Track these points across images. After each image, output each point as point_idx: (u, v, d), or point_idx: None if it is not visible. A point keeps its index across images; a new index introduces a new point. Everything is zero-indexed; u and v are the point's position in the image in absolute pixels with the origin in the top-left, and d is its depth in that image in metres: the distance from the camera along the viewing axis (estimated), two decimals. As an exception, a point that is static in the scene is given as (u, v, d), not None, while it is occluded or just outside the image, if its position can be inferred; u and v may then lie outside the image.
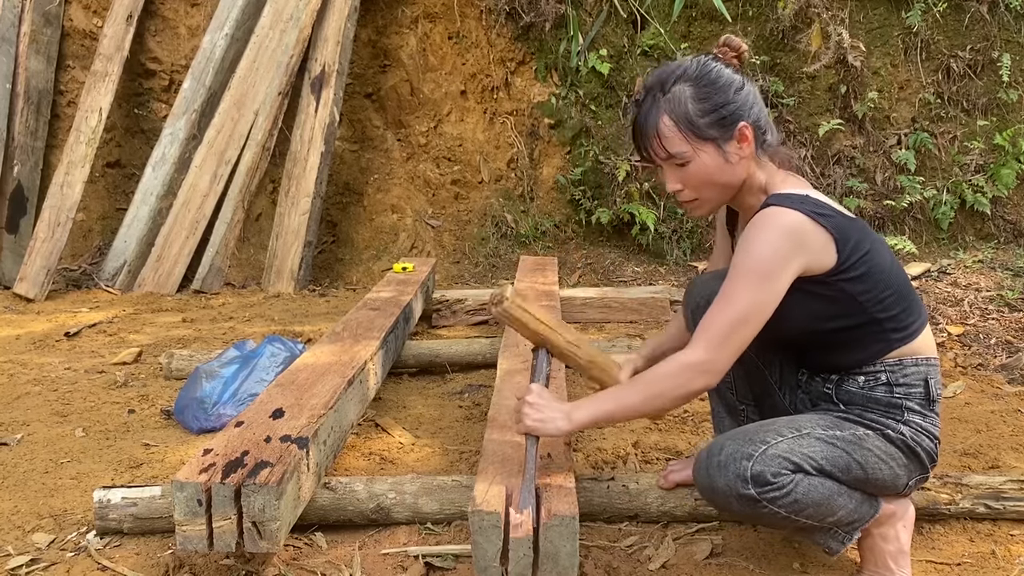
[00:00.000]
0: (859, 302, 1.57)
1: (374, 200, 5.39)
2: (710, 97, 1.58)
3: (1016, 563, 1.78)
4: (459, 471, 2.25)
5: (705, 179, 1.61)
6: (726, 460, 1.51)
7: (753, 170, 1.64)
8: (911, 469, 1.63)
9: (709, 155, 1.59)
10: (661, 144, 1.60)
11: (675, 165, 1.61)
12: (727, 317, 1.51)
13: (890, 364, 1.61)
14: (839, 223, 1.56)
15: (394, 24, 5.44)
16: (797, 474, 1.51)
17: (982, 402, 2.85)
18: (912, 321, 1.62)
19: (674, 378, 1.54)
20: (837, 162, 5.17)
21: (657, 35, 5.26)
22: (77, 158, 4.90)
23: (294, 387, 2.11)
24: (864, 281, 1.56)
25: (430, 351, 3.21)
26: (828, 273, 1.55)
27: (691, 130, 1.57)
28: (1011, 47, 5.16)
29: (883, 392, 1.61)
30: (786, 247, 1.51)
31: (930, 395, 1.63)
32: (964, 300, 4.02)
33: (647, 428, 2.57)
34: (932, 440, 1.64)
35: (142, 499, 1.86)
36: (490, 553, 1.46)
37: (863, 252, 1.56)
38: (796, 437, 1.55)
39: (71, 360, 3.43)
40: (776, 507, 1.50)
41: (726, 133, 1.59)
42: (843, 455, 1.56)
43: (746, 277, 1.51)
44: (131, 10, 5.10)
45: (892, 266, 1.62)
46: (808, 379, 1.73)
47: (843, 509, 1.57)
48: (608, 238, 5.26)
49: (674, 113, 1.58)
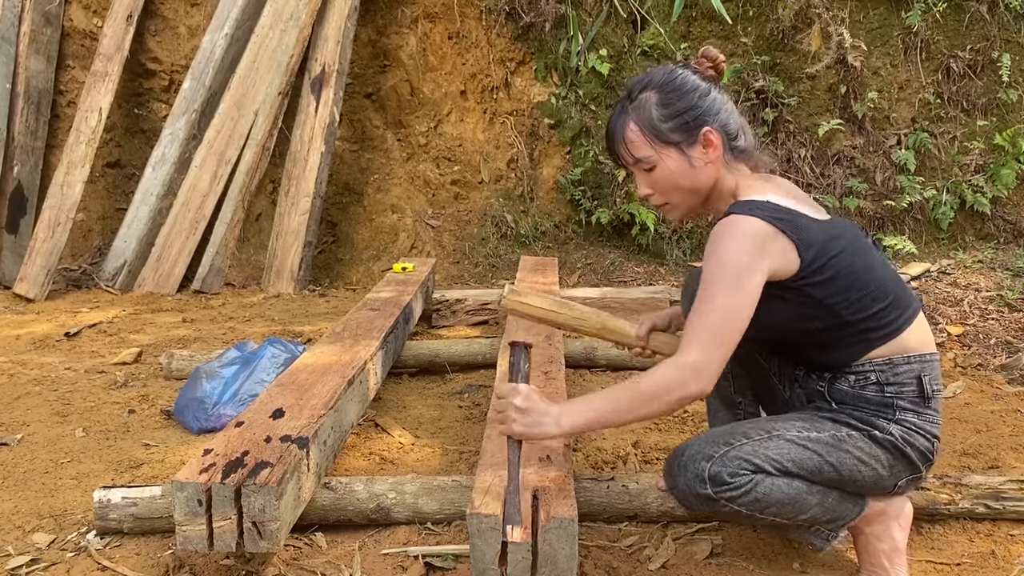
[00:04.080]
0: (826, 305, 1.58)
1: (374, 200, 5.39)
2: (673, 103, 1.62)
3: (1016, 563, 1.78)
4: (459, 471, 2.25)
5: (672, 183, 1.65)
6: (687, 460, 1.55)
7: (722, 174, 1.66)
8: (898, 470, 1.62)
9: (673, 159, 1.63)
10: (628, 149, 1.65)
11: (643, 170, 1.66)
12: (709, 321, 1.51)
13: (879, 364, 1.61)
14: (800, 227, 1.56)
15: (394, 24, 5.44)
16: (757, 474, 1.53)
17: (982, 402, 2.85)
18: (894, 319, 1.61)
19: (667, 382, 1.51)
20: (837, 162, 5.17)
21: (657, 35, 5.26)
22: (77, 158, 4.90)
23: (294, 387, 2.11)
24: (830, 285, 1.57)
25: (430, 351, 3.21)
26: (792, 278, 1.56)
27: (654, 135, 1.62)
28: (1011, 47, 5.16)
29: (874, 391, 1.61)
30: (748, 252, 1.52)
31: (924, 392, 1.61)
32: (964, 300, 4.02)
33: (647, 428, 2.57)
34: (928, 438, 1.62)
35: (142, 499, 1.86)
36: (488, 556, 1.46)
37: (830, 255, 1.56)
38: (763, 439, 1.57)
39: (71, 360, 3.43)
40: (736, 506, 1.53)
41: (689, 138, 1.62)
42: (813, 456, 1.57)
43: (717, 283, 1.52)
44: (131, 10, 5.10)
45: (869, 266, 1.61)
46: (805, 375, 1.73)
47: (816, 508, 1.58)
48: (608, 238, 5.26)
49: (639, 119, 1.63)
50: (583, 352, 3.19)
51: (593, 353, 3.19)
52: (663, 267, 5.01)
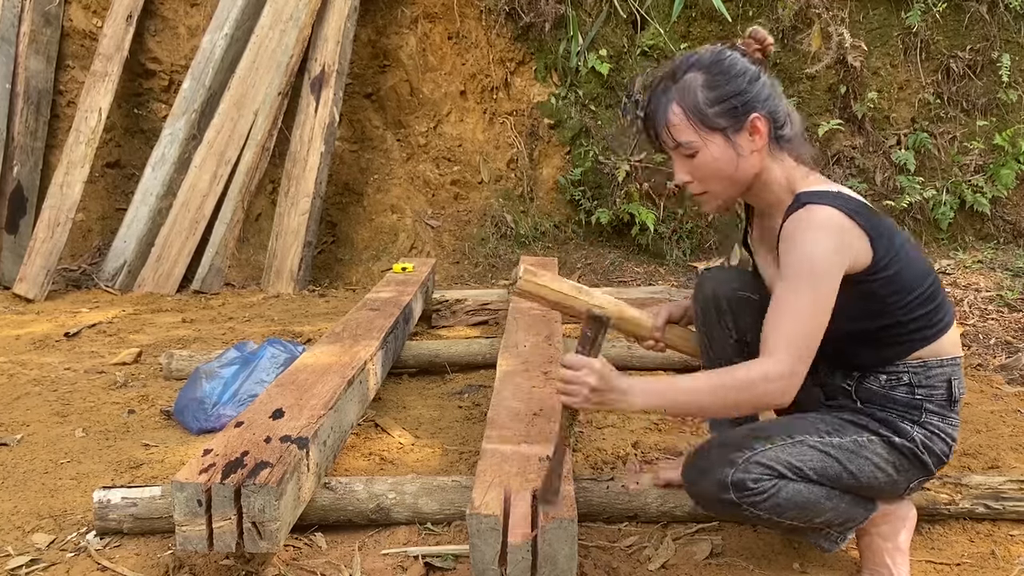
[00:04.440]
0: (887, 303, 1.54)
1: (374, 200, 5.39)
2: (721, 86, 1.53)
3: (1016, 563, 1.78)
4: (459, 471, 2.25)
5: (713, 171, 1.56)
6: (709, 466, 1.53)
7: (768, 164, 1.58)
8: (912, 475, 1.61)
9: (718, 146, 1.54)
10: (669, 132, 1.56)
11: (684, 155, 1.57)
12: (799, 326, 1.45)
13: (914, 365, 1.58)
14: (872, 221, 1.52)
15: (394, 24, 5.44)
16: (780, 480, 1.51)
17: (982, 402, 2.85)
18: (938, 321, 1.58)
19: (753, 388, 1.45)
20: (837, 162, 5.17)
21: (657, 35, 5.26)
22: (77, 158, 4.90)
23: (294, 387, 2.11)
24: (894, 282, 1.53)
25: (430, 351, 3.20)
26: (863, 272, 1.51)
27: (700, 119, 1.53)
28: (1011, 47, 5.16)
29: (904, 392, 1.59)
30: (833, 244, 1.46)
31: (952, 396, 1.59)
32: (964, 300, 4.03)
33: (647, 428, 2.57)
34: (947, 442, 1.61)
35: (142, 499, 1.86)
36: (488, 556, 1.46)
37: (895, 252, 1.53)
38: (785, 445, 1.53)
39: (71, 360, 3.43)
40: (757, 510, 1.52)
41: (736, 124, 1.53)
42: (834, 464, 1.54)
43: (804, 281, 1.46)
44: (131, 10, 5.10)
45: (920, 265, 1.58)
46: (827, 374, 1.68)
47: (831, 511, 1.57)
48: (608, 238, 5.26)
49: (684, 101, 1.54)
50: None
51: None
52: (663, 267, 5.01)
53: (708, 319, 1.83)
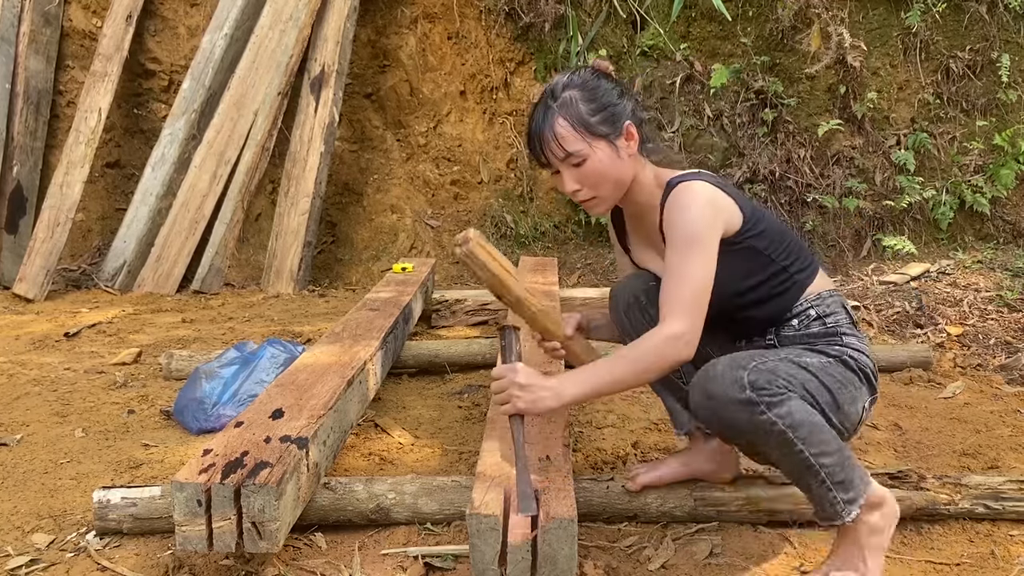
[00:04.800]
0: (766, 255, 1.73)
1: (373, 200, 5.39)
2: (598, 99, 1.72)
3: (1015, 563, 1.78)
4: (458, 472, 2.25)
5: (601, 175, 1.72)
6: (722, 371, 1.56)
7: (639, 168, 1.77)
8: (864, 391, 1.71)
9: (603, 151, 1.71)
10: (560, 144, 1.70)
11: (571, 165, 1.71)
12: (689, 287, 1.61)
13: (813, 299, 1.76)
14: (732, 190, 1.74)
15: (394, 24, 5.44)
16: (787, 392, 1.56)
17: (981, 402, 2.85)
18: (809, 263, 1.79)
19: (659, 350, 1.61)
20: (836, 162, 5.17)
21: (656, 35, 5.26)
22: (76, 158, 4.90)
23: (294, 387, 2.11)
24: (765, 236, 1.73)
25: (430, 351, 3.21)
26: (738, 233, 1.70)
27: (585, 128, 1.70)
28: (1010, 47, 5.16)
29: (818, 326, 1.74)
30: (709, 212, 1.66)
31: (851, 317, 1.78)
32: (963, 300, 4.02)
33: (646, 429, 2.57)
34: (870, 359, 1.74)
35: (142, 499, 1.86)
36: (488, 556, 1.46)
37: (758, 211, 1.76)
38: (777, 360, 1.62)
39: (71, 360, 3.43)
40: (774, 415, 1.52)
41: (616, 130, 1.72)
42: (812, 379, 1.63)
43: (689, 247, 1.63)
44: (130, 10, 5.10)
45: (776, 222, 1.81)
46: (747, 344, 1.82)
47: (835, 452, 1.57)
48: (607, 239, 5.26)
49: (568, 114, 1.70)
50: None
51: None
52: (663, 267, 5.01)
53: (636, 323, 1.88)
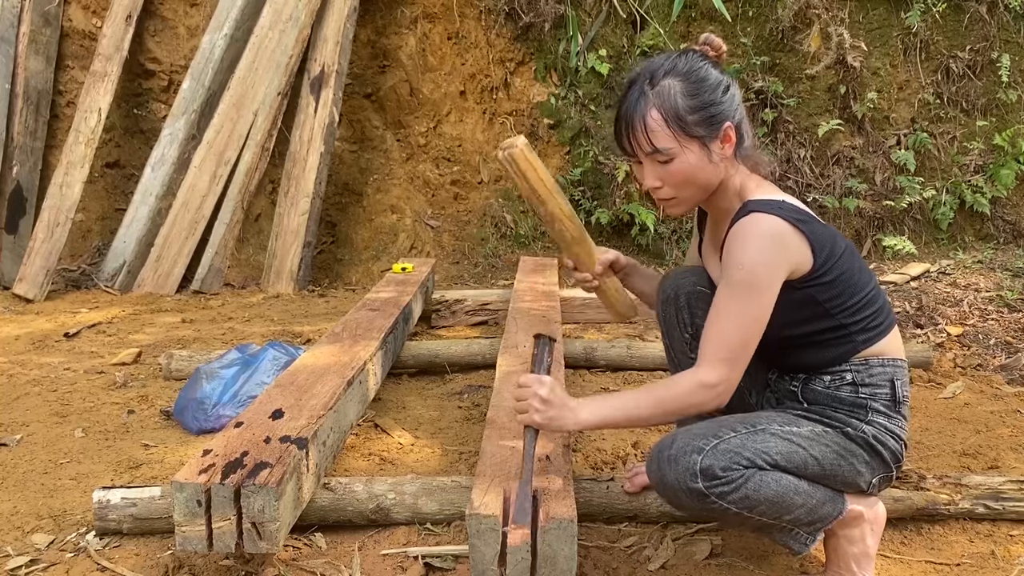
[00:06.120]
0: (826, 308, 1.58)
1: (373, 200, 5.39)
2: (699, 94, 1.55)
3: (1016, 563, 1.78)
4: (458, 472, 2.25)
5: (687, 177, 1.57)
6: (676, 453, 1.48)
7: (731, 173, 1.62)
8: (873, 467, 1.61)
9: (694, 153, 1.55)
10: (648, 138, 1.55)
11: (657, 161, 1.57)
12: (733, 335, 1.51)
13: (856, 364, 1.61)
14: (814, 228, 1.56)
15: (393, 24, 5.44)
16: (749, 469, 1.48)
17: (982, 402, 2.85)
18: (879, 323, 1.62)
19: (689, 398, 1.52)
20: (837, 162, 5.17)
21: (656, 35, 5.26)
22: (76, 158, 4.90)
23: (294, 388, 2.10)
24: (834, 287, 1.57)
25: (429, 352, 3.20)
26: (802, 278, 1.55)
27: (679, 126, 1.54)
28: (1010, 47, 5.17)
29: (848, 392, 1.61)
30: (773, 254, 1.50)
31: (896, 396, 1.61)
32: (963, 300, 4.02)
33: (646, 429, 2.57)
34: (898, 441, 1.62)
35: (142, 499, 1.86)
36: (488, 557, 1.46)
37: (836, 258, 1.57)
38: (750, 433, 1.53)
39: (71, 360, 3.43)
40: (726, 503, 1.47)
41: (712, 132, 1.55)
42: (799, 451, 1.54)
43: (744, 289, 1.50)
44: (130, 10, 5.10)
45: (861, 271, 1.63)
46: (777, 379, 1.73)
47: (801, 508, 1.54)
48: (607, 239, 5.26)
49: (663, 107, 1.54)
50: (583, 353, 3.19)
51: (593, 354, 3.19)
52: (663, 267, 5.01)
53: (668, 319, 1.84)
